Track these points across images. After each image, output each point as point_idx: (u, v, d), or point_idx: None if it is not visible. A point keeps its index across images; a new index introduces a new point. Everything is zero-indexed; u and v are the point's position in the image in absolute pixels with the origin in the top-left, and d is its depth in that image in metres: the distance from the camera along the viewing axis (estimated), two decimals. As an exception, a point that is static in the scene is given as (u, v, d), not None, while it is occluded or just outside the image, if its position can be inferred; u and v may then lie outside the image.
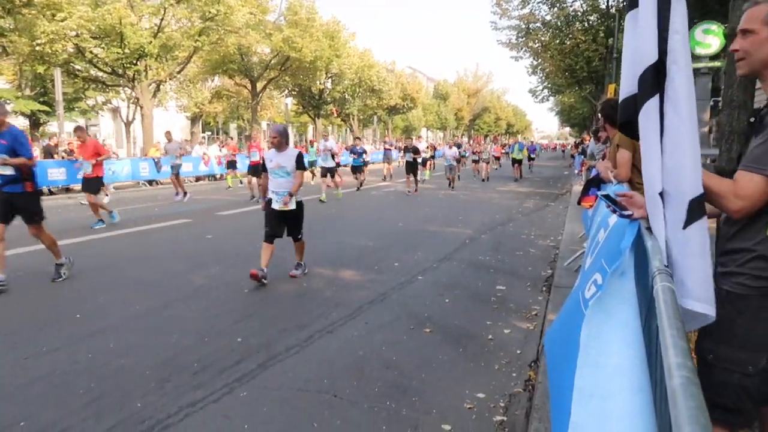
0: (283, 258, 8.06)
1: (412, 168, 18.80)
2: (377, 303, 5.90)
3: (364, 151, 20.57)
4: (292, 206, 6.79)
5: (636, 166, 3.96)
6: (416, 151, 19.05)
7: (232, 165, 21.82)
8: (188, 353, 4.46)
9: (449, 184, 20.92)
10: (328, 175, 16.53)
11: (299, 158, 6.87)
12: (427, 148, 27.47)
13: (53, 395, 3.76)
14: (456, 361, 4.40)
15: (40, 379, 3.98)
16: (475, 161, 26.92)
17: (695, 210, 1.70)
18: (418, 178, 20.41)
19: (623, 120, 2.18)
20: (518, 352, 4.58)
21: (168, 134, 17.36)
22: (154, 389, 3.83)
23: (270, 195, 6.87)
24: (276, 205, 6.77)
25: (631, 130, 2.01)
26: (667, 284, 1.34)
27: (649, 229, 1.89)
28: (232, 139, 29.19)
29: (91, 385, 3.89)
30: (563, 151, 66.61)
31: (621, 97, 2.20)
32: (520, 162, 25.58)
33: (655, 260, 1.65)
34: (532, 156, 34.12)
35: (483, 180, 24.46)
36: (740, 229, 1.91)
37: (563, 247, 8.45)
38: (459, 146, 27.34)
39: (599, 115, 6.29)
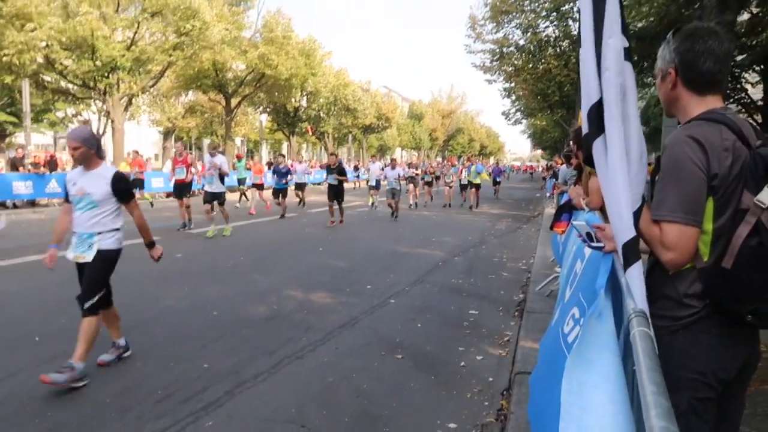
0: (254, 280, 7.93)
1: (335, 193, 14.80)
2: (348, 327, 5.81)
3: (289, 171, 17.01)
4: (89, 257, 4.56)
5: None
6: (342, 172, 15.10)
7: (138, 184, 19.26)
8: (152, 379, 4.31)
9: (392, 213, 16.75)
10: (216, 202, 12.36)
11: (117, 182, 4.64)
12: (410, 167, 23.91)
13: (8, 424, 3.57)
14: (427, 388, 4.33)
15: (-8, 408, 3.79)
16: (428, 183, 24.26)
17: (628, 254, 1.70)
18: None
19: (586, 153, 2.19)
20: (490, 379, 4.54)
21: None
22: (115, 418, 3.68)
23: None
24: (70, 254, 4.64)
25: (593, 163, 2.02)
26: (645, 329, 1.31)
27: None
28: (138, 154, 23.16)
29: (48, 414, 3.72)
30: (531, 173, 66.28)
31: (583, 132, 2.22)
32: (477, 187, 21.59)
33: (630, 299, 1.63)
34: (498, 179, 28.92)
35: (444, 206, 21.83)
36: (649, 269, 1.92)
37: (535, 271, 8.48)
38: (410, 165, 23.43)
39: (571, 141, 6.37)
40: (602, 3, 1.71)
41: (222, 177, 12.33)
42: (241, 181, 20.65)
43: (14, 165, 19.83)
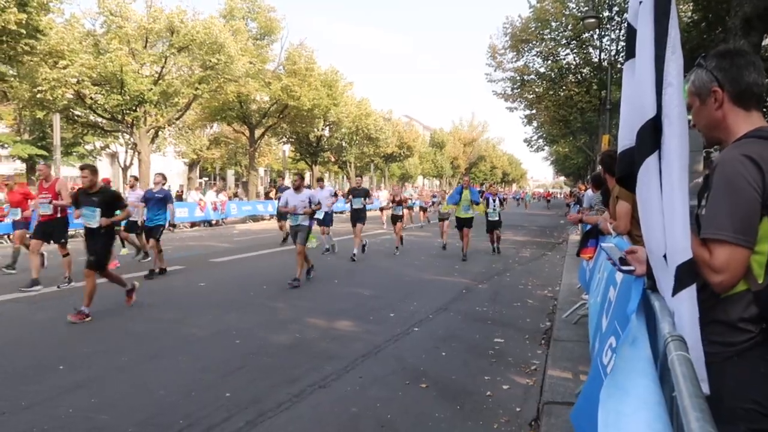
0: (276, 308, 7.92)
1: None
2: (372, 356, 5.73)
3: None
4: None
5: (636, 218, 3.90)
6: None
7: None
8: (174, 409, 4.27)
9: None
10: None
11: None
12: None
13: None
14: (453, 419, 4.22)
15: (16, 437, 3.79)
16: (423, 209, 23.24)
17: (683, 277, 1.61)
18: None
19: (621, 173, 2.12)
20: (518, 409, 4.41)
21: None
22: (136, 449, 3.64)
23: None
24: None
25: (629, 183, 1.95)
26: (683, 353, 1.25)
27: (654, 287, 1.81)
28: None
29: (70, 444, 3.70)
30: (548, 200, 62.61)
31: (619, 149, 2.15)
32: (469, 223, 13.88)
33: (665, 323, 1.55)
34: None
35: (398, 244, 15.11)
36: (699, 292, 1.83)
37: (561, 298, 8.32)
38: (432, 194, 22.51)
39: (599, 165, 6.26)
40: (665, 17, 1.67)
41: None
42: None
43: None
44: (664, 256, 1.69)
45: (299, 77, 33.80)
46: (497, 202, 14.98)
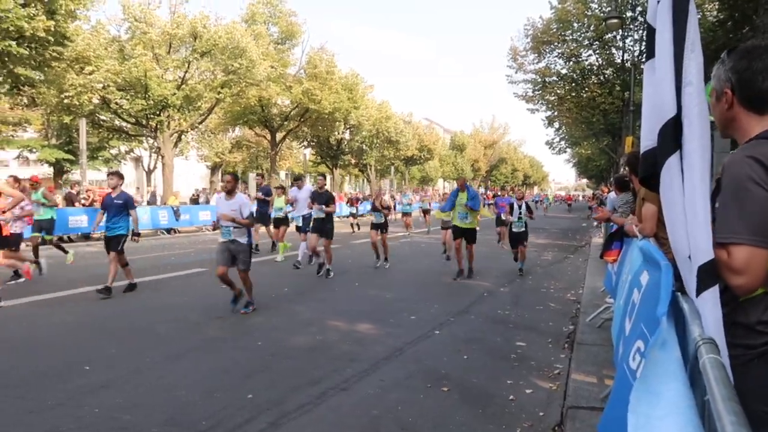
0: (297, 311, 7.95)
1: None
2: (393, 358, 5.72)
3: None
4: None
5: (662, 221, 3.83)
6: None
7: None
8: (196, 409, 4.31)
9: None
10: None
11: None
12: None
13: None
14: (475, 422, 4.18)
15: (42, 436, 3.85)
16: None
17: (705, 277, 1.58)
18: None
19: (644, 174, 2.09)
20: (541, 414, 4.35)
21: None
22: (160, 448, 3.67)
23: None
24: None
25: (652, 183, 1.92)
26: (715, 357, 1.21)
27: (683, 290, 1.77)
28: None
29: (95, 443, 3.75)
30: (569, 204, 60.40)
31: (641, 150, 2.12)
32: (469, 235, 11.17)
33: (695, 325, 1.52)
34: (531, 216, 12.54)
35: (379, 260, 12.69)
36: (721, 294, 1.78)
37: (585, 302, 8.21)
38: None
39: (626, 166, 6.14)
40: (683, 15, 1.64)
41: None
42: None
43: (70, 200, 20.68)
44: (689, 257, 1.66)
45: (320, 81, 33.99)
46: (523, 208, 11.86)
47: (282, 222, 14.50)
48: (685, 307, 1.65)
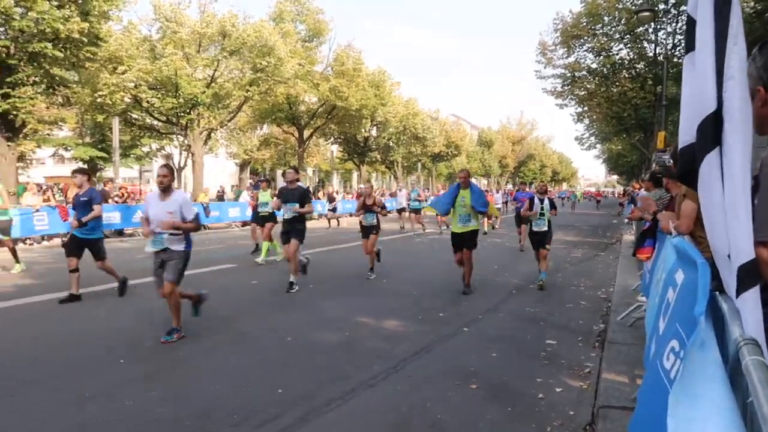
0: (326, 307, 7.99)
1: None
2: (421, 355, 5.72)
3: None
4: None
5: (700, 219, 3.74)
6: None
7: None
8: (228, 403, 4.37)
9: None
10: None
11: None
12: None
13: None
14: (504, 421, 4.16)
15: (76, 427, 3.95)
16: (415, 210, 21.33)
17: (745, 277, 1.53)
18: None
19: (683, 170, 2.04)
20: (571, 413, 4.31)
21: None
22: (193, 441, 3.74)
23: None
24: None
25: (690, 180, 1.87)
26: (759, 358, 1.18)
27: (722, 289, 1.73)
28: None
29: (130, 435, 3.83)
30: (598, 201, 57.20)
31: (680, 146, 2.07)
32: (470, 241, 9.06)
33: (735, 326, 1.49)
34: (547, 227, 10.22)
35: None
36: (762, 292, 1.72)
37: (616, 300, 8.09)
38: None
39: (670, 159, 5.93)
40: (726, 6, 1.59)
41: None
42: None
43: (104, 197, 21.13)
44: (729, 256, 1.62)
45: (347, 78, 34.10)
46: (546, 204, 9.86)
47: (268, 219, 12.84)
48: (724, 306, 1.61)
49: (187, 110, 25.88)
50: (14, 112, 18.28)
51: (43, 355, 5.63)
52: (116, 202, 20.34)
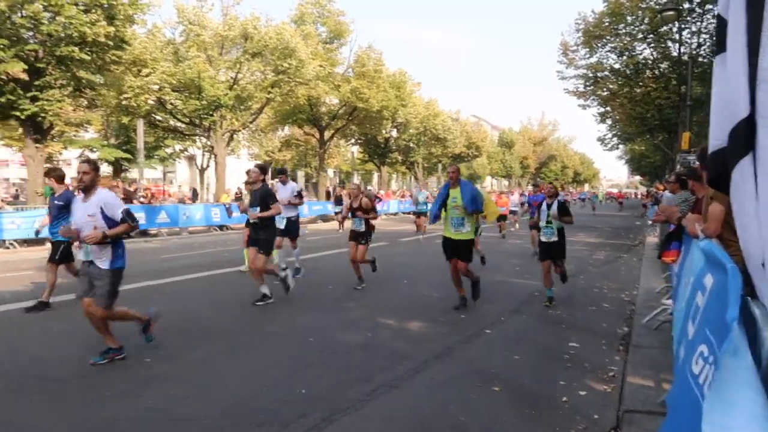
0: (347, 308, 8.03)
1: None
2: (444, 357, 5.72)
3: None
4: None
5: (729, 222, 3.69)
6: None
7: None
8: (251, 403, 4.42)
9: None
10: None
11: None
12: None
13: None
14: (527, 423, 4.14)
15: (101, 425, 4.03)
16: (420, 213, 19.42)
17: None
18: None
19: (714, 174, 2.01)
20: (596, 417, 4.27)
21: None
22: (217, 440, 3.79)
23: None
24: None
25: (722, 184, 1.84)
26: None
27: (753, 294, 1.71)
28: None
29: (156, 434, 3.90)
30: (620, 202, 54.62)
31: (710, 149, 2.03)
32: (463, 250, 7.93)
33: (767, 332, 1.47)
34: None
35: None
36: None
37: (640, 303, 7.99)
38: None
39: (697, 161, 5.81)
40: (760, 5, 1.53)
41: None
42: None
43: (128, 197, 21.47)
44: (763, 264, 1.59)
45: (368, 79, 34.13)
46: (553, 209, 8.26)
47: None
48: (756, 312, 1.60)
49: (210, 112, 26.15)
50: (42, 115, 18.64)
51: (75, 352, 5.74)
52: (141, 202, 20.66)
